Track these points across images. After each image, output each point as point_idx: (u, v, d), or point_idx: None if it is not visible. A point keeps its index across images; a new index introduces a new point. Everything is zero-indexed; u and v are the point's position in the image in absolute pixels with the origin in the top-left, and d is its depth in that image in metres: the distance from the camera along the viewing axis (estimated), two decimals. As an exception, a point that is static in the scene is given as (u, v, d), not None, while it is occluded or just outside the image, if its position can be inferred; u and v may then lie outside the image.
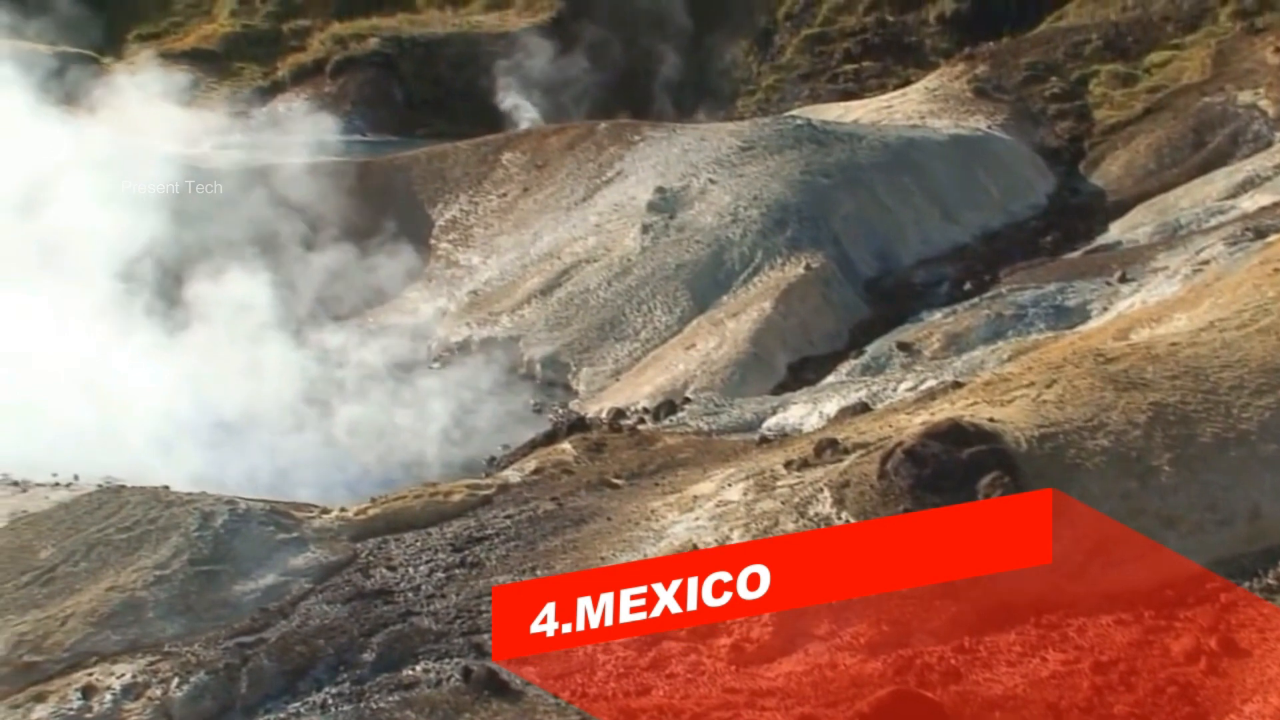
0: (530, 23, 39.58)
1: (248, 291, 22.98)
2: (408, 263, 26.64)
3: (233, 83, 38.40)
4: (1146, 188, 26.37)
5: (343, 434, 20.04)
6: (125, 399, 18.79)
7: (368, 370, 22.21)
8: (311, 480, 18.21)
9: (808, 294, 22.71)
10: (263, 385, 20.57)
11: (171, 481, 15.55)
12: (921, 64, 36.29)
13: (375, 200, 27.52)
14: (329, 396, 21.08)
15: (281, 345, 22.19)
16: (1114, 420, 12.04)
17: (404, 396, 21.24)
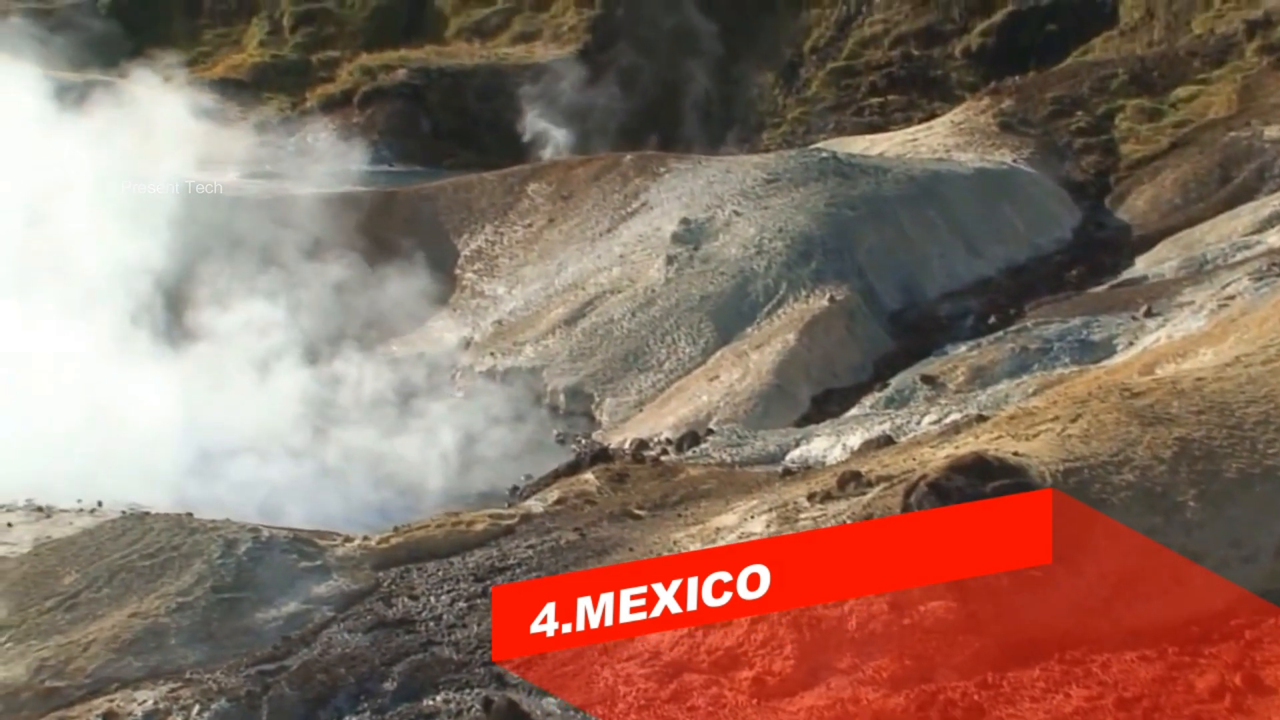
0: (557, 54, 39.78)
1: (270, 320, 23.09)
2: (433, 292, 26.72)
3: (261, 112, 38.68)
4: (1172, 222, 26.31)
5: (365, 462, 20.07)
6: (148, 425, 18.87)
7: (392, 399, 22.25)
8: (329, 507, 18.22)
9: (832, 326, 22.69)
10: (281, 412, 20.64)
11: (204, 509, 15.59)
12: (947, 98, 36.33)
13: (401, 230, 27.62)
14: (352, 424, 21.12)
15: (302, 374, 22.27)
16: (1139, 455, 11.97)
17: (428, 425, 21.26)
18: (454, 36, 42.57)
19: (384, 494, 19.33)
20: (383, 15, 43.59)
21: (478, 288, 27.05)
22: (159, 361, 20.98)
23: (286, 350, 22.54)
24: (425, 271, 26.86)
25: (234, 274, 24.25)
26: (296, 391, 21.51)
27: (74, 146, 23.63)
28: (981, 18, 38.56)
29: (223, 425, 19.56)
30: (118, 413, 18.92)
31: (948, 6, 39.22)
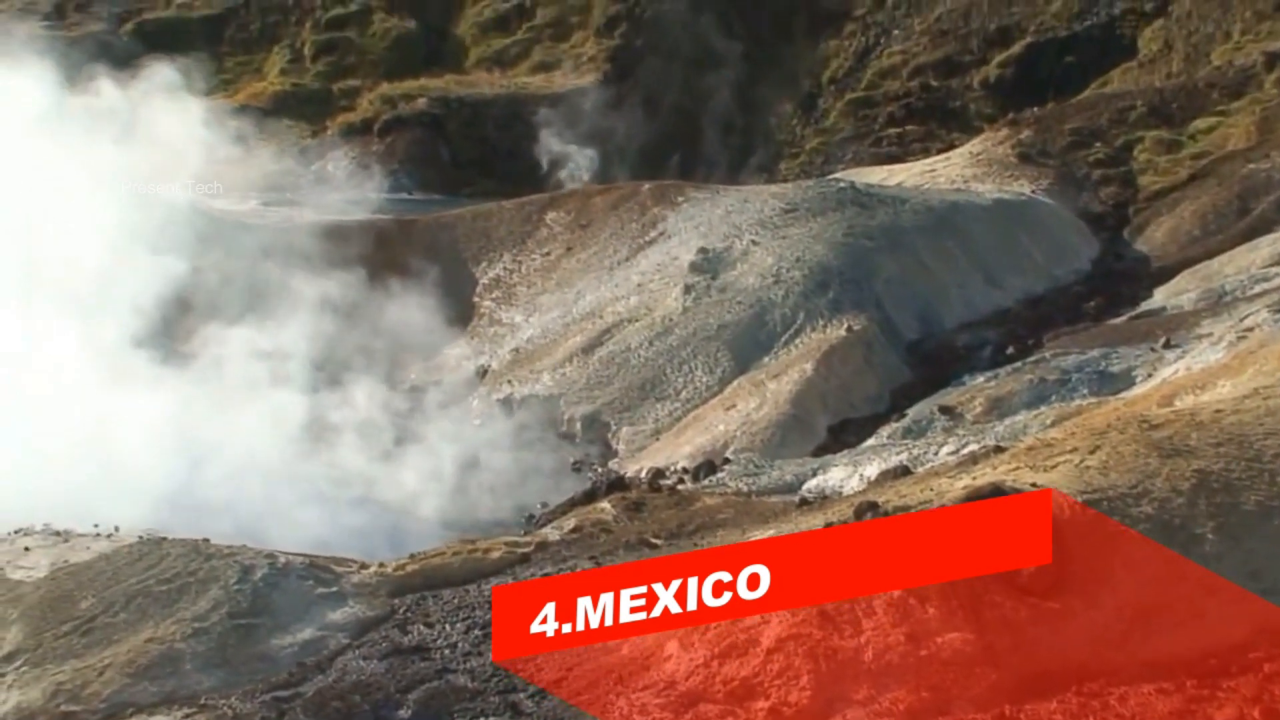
0: (576, 84, 39.93)
1: (285, 346, 23.19)
2: (450, 320, 26.79)
3: (282, 140, 38.86)
4: (1191, 254, 26.26)
5: (381, 488, 20.10)
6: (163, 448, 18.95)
7: (408, 426, 22.29)
8: (344, 533, 18.24)
9: (849, 356, 22.68)
10: (295, 438, 20.71)
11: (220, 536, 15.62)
12: (965, 128, 36.35)
13: (420, 258, 27.70)
14: (368, 451, 21.16)
15: (318, 400, 22.34)
16: (1158, 487, 11.94)
17: (444, 452, 21.29)
18: (474, 66, 42.75)
19: (400, 521, 19.35)
20: (403, 45, 43.79)
21: (495, 315, 27.12)
22: (161, 384, 21.05)
23: (302, 376, 22.61)
24: (443, 299, 26.94)
25: (251, 299, 24.33)
26: (312, 417, 21.56)
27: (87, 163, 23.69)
28: (1000, 49, 38.60)
29: (232, 450, 19.61)
30: (124, 434, 18.98)
31: (966, 38, 39.29)
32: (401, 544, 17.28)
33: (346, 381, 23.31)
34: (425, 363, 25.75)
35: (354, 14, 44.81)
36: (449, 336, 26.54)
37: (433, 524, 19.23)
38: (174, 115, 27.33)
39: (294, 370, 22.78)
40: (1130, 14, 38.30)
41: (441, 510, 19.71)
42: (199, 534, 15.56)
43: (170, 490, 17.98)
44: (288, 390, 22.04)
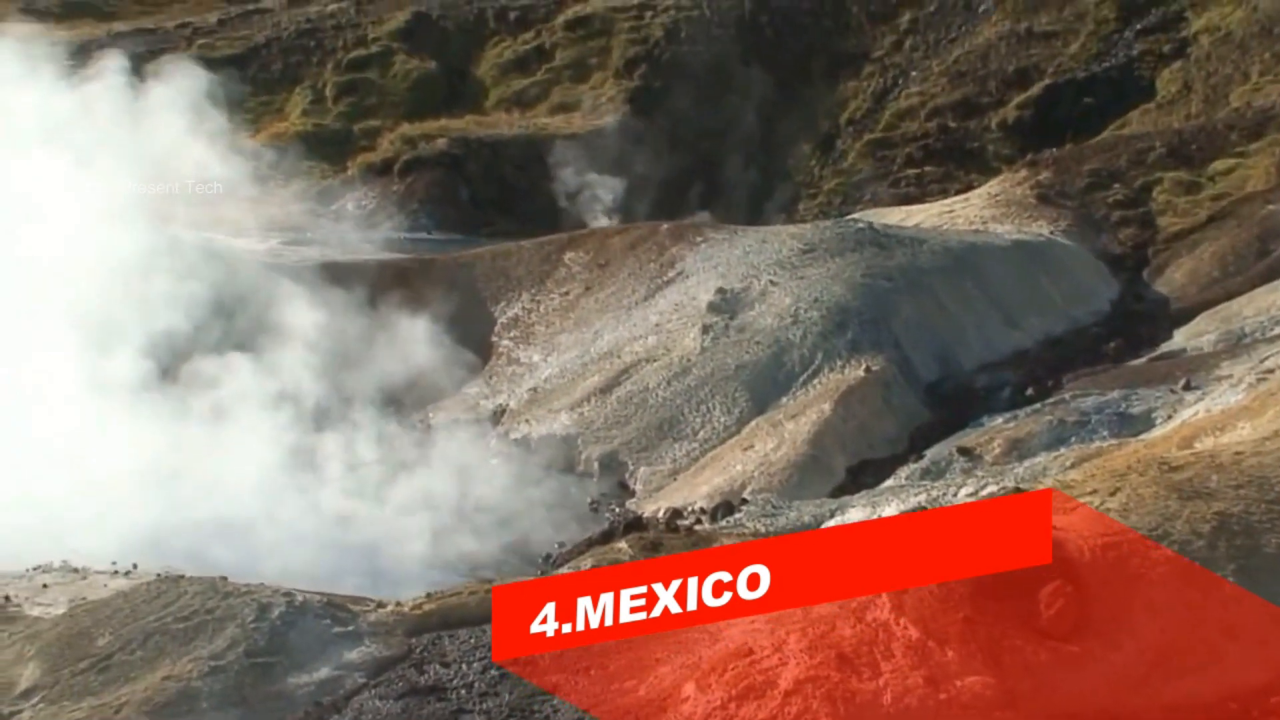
0: (595, 125, 40.11)
1: (306, 385, 23.26)
2: (469, 359, 26.83)
3: (303, 180, 39.09)
4: (1210, 295, 26.18)
5: (399, 529, 20.10)
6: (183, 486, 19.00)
7: (425, 465, 22.30)
8: (361, 572, 18.25)
9: (867, 397, 22.64)
10: (316, 478, 20.75)
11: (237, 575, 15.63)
12: (984, 169, 36.35)
13: (439, 297, 27.76)
14: (385, 490, 21.18)
15: (339, 437, 22.38)
16: (1178, 529, 11.89)
17: (461, 492, 21.29)
18: (494, 107, 42.98)
19: (416, 560, 19.35)
20: (424, 86, 44.07)
21: (514, 355, 27.15)
22: (165, 420, 21.12)
23: (317, 415, 22.68)
24: (461, 338, 26.99)
25: (266, 336, 24.37)
26: (326, 456, 21.62)
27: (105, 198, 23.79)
28: (1018, 91, 38.67)
29: (241, 488, 19.67)
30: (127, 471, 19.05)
31: (984, 80, 39.38)
32: (418, 583, 17.27)
33: (362, 420, 23.35)
34: (442, 401, 25.78)
35: (375, 55, 45.15)
36: (467, 375, 26.58)
37: (449, 563, 19.23)
38: (194, 153, 27.51)
39: (310, 409, 22.85)
40: (1149, 56, 38.37)
41: (458, 549, 19.69)
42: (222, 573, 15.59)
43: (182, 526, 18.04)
44: (302, 429, 22.11)
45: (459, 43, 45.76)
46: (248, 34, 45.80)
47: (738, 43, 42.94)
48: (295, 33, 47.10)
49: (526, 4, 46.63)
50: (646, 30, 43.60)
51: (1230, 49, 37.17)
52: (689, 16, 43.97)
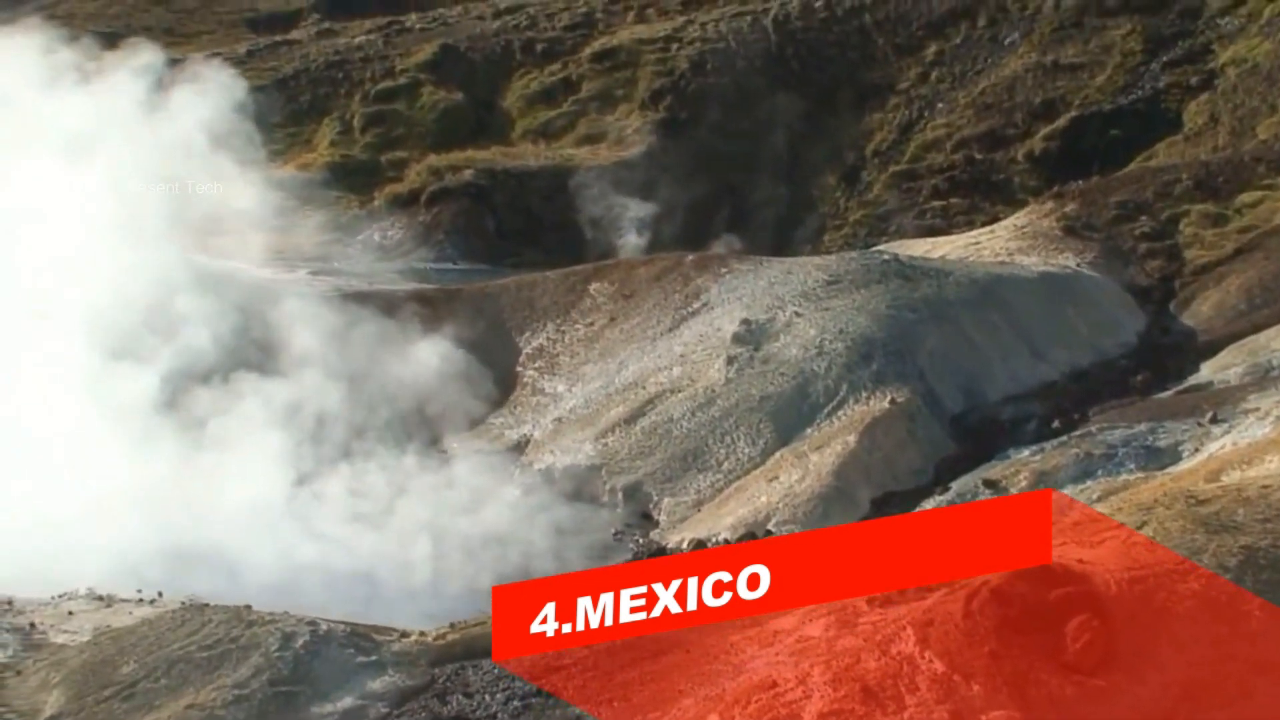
0: (621, 156, 40.25)
1: (331, 413, 23.34)
2: (493, 389, 26.87)
3: (330, 210, 39.33)
4: (1238, 328, 26.06)
5: (426, 557, 20.12)
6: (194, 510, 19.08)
7: (449, 495, 22.33)
8: (384, 602, 18.26)
9: (892, 428, 22.59)
10: (335, 505, 20.79)
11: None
12: (1010, 201, 36.32)
13: (464, 327, 27.83)
14: (412, 520, 21.20)
15: (364, 467, 22.44)
16: (1205, 563, 11.82)
17: (485, 522, 21.31)
18: (520, 138, 43.19)
19: (440, 590, 19.35)
20: (451, 117, 44.33)
21: (538, 385, 27.19)
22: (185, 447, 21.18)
23: (341, 443, 22.75)
24: (486, 368, 27.04)
25: (290, 364, 24.44)
26: (352, 485, 21.66)
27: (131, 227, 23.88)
28: (1044, 122, 38.65)
29: (265, 517, 19.72)
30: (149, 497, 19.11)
31: (1010, 111, 39.38)
32: (443, 613, 17.28)
33: (384, 450, 23.41)
34: (466, 432, 25.81)
35: (403, 87, 45.47)
36: (491, 406, 26.62)
37: (473, 593, 19.22)
38: (222, 184, 27.69)
39: (332, 438, 22.92)
40: (1175, 88, 38.33)
41: (482, 579, 19.69)
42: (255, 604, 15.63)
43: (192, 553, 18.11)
44: (323, 459, 22.18)
45: (486, 74, 46.05)
46: (276, 65, 46.18)
47: (764, 74, 43.08)
48: (324, 64, 47.47)
49: (553, 36, 46.94)
50: (672, 62, 43.80)
51: (1257, 81, 37.12)
52: (715, 48, 44.17)
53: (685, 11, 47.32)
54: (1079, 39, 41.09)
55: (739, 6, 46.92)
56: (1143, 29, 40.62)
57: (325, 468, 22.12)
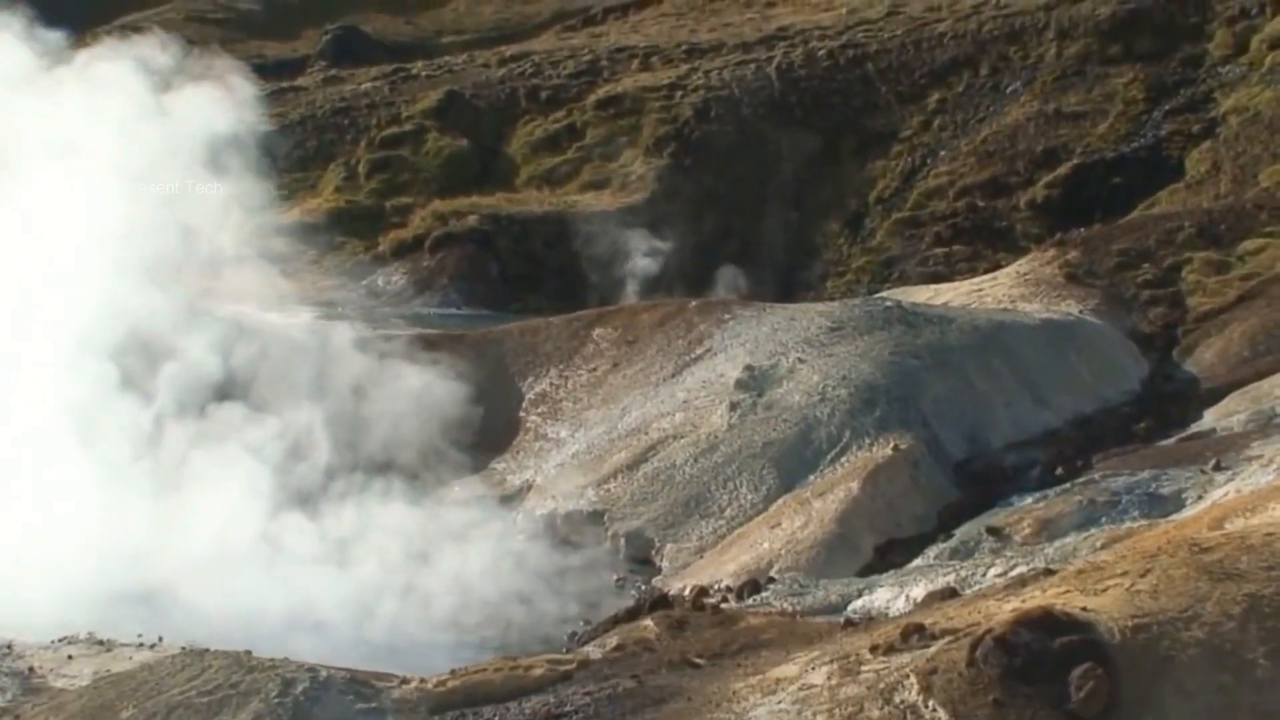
0: (625, 202, 40.44)
1: (332, 458, 23.34)
2: (496, 435, 26.87)
3: (335, 255, 39.50)
4: (1241, 375, 26.04)
5: (423, 603, 20.06)
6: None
7: (451, 540, 22.28)
8: (385, 647, 18.21)
9: (896, 475, 22.55)
10: (340, 550, 20.77)
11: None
12: (1012, 249, 36.43)
13: (467, 372, 27.85)
14: (412, 565, 21.16)
15: (366, 512, 22.41)
16: (1209, 612, 11.77)
17: (486, 567, 21.26)
18: (524, 184, 43.44)
19: (441, 636, 19.29)
20: (456, 163, 44.62)
21: (541, 430, 27.19)
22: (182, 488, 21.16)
23: (342, 487, 22.74)
24: (489, 413, 27.06)
25: (288, 407, 24.40)
26: (355, 529, 21.63)
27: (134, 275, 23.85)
28: (1046, 170, 38.84)
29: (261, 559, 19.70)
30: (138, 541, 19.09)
31: (1012, 159, 39.58)
32: (442, 660, 17.21)
33: (388, 494, 23.38)
34: (469, 477, 25.79)
35: (408, 133, 45.82)
36: (494, 451, 26.61)
37: (473, 640, 19.17)
38: (228, 230, 27.79)
39: (335, 482, 22.91)
40: (1177, 136, 38.54)
41: (483, 626, 19.63)
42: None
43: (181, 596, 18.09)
44: (323, 504, 22.16)
45: (491, 121, 46.41)
46: (283, 111, 46.52)
47: (767, 121, 43.39)
48: (330, 110, 47.87)
49: (558, 84, 47.33)
50: (676, 109, 44.13)
51: (1259, 129, 37.31)
52: (719, 96, 44.50)
53: (689, 59, 47.74)
54: (1081, 87, 41.39)
55: (743, 55, 47.35)
56: (1145, 77, 40.92)
57: (318, 511, 22.06)
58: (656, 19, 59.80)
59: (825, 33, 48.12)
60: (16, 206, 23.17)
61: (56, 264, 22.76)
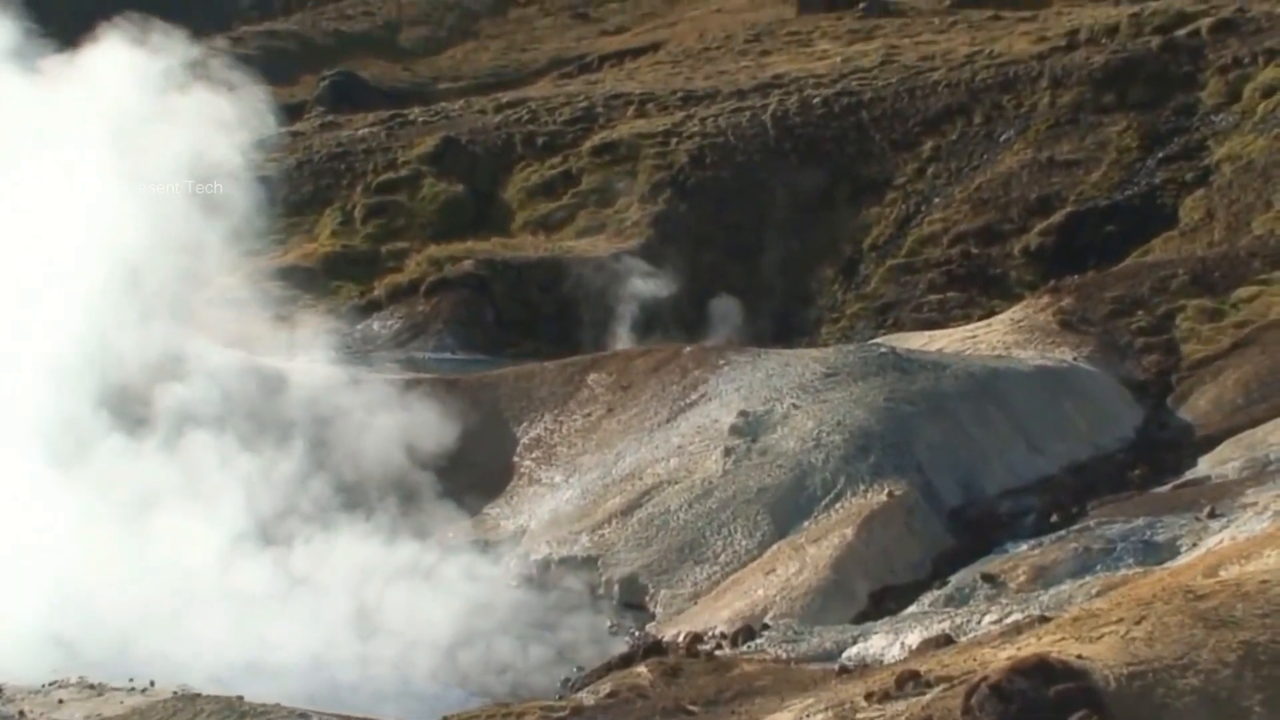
0: (620, 248, 40.54)
1: (324, 502, 23.29)
2: (490, 480, 26.82)
3: (330, 300, 39.54)
4: (1235, 422, 26.05)
5: (418, 651, 19.97)
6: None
7: (445, 586, 22.21)
8: (379, 695, 18.11)
9: (890, 522, 22.51)
10: (336, 597, 20.68)
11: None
12: (1006, 295, 36.51)
13: (461, 417, 27.83)
14: (404, 612, 21.07)
15: (363, 557, 22.34)
16: (1204, 659, 11.73)
17: (479, 613, 21.17)
18: (520, 229, 43.56)
19: (434, 682, 19.19)
20: (452, 209, 44.76)
21: (535, 475, 27.14)
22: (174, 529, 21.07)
23: (336, 532, 22.68)
24: (484, 459, 27.02)
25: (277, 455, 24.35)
26: (351, 571, 21.55)
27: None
28: (1040, 218, 38.98)
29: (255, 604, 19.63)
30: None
31: (1006, 207, 39.73)
32: (434, 707, 17.14)
33: (380, 539, 23.32)
34: (463, 522, 25.72)
35: (405, 178, 45.99)
36: (488, 496, 26.56)
37: (466, 686, 19.06)
38: (225, 273, 27.83)
39: (323, 528, 22.85)
40: (1171, 184, 38.71)
41: (476, 672, 19.53)
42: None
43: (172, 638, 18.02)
44: (316, 549, 22.10)
45: (487, 167, 46.61)
46: (279, 156, 46.69)
47: (762, 168, 43.58)
48: (327, 155, 48.06)
49: (554, 130, 47.57)
50: (672, 156, 44.32)
51: (1252, 177, 37.49)
52: (714, 143, 44.71)
53: (685, 106, 48.00)
54: (1074, 135, 41.61)
55: (738, 102, 47.61)
56: (1138, 126, 41.15)
57: (320, 559, 22.01)
58: (652, 66, 60.23)
59: (820, 81, 48.41)
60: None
61: (42, 295, 22.68)
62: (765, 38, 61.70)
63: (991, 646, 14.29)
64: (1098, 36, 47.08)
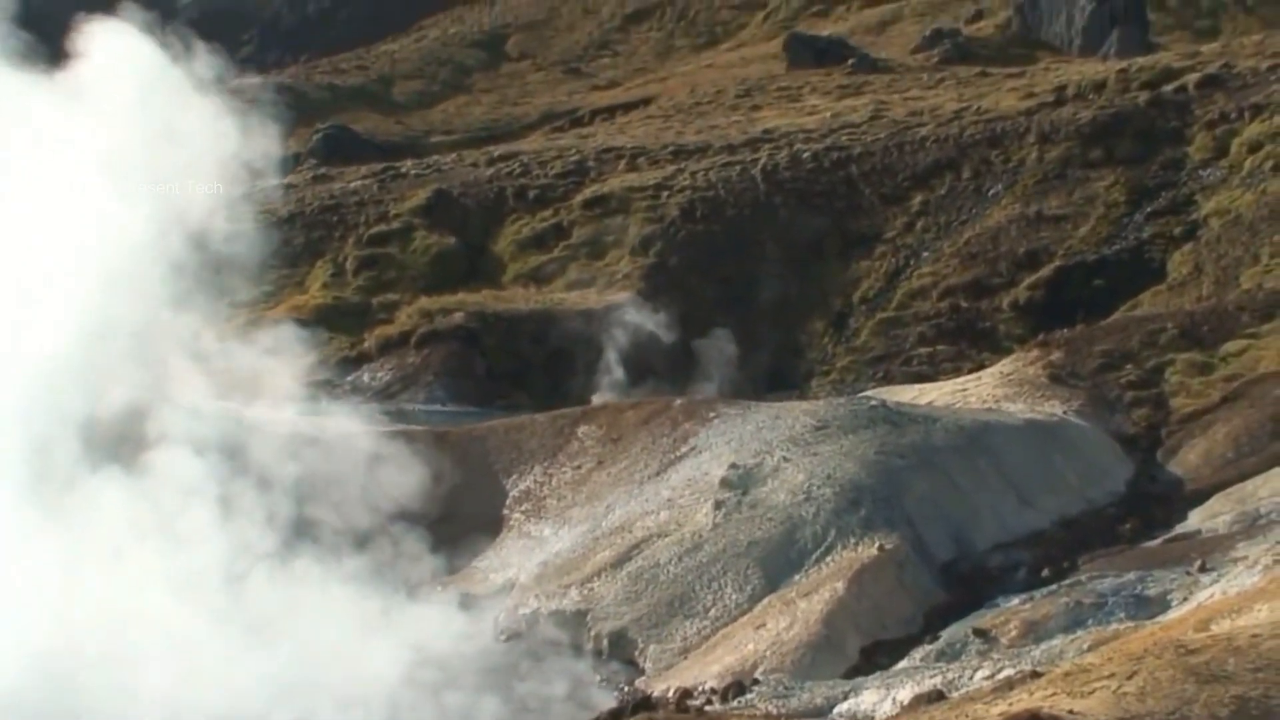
0: (610, 300, 40.64)
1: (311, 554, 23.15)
2: (479, 532, 26.71)
3: (321, 352, 39.52)
4: (1225, 476, 26.07)
5: (404, 704, 19.83)
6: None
7: (432, 640, 22.07)
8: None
9: (881, 576, 22.43)
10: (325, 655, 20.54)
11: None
12: (996, 349, 36.64)
13: (451, 470, 27.75)
14: (388, 664, 20.93)
15: (352, 612, 22.20)
16: (1196, 713, 11.68)
17: (467, 667, 21.04)
18: (511, 282, 43.69)
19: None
20: (443, 261, 44.91)
21: (524, 528, 27.05)
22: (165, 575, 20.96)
23: (327, 585, 22.55)
24: (473, 511, 26.93)
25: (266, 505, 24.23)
26: (340, 626, 21.41)
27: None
28: (1029, 272, 39.19)
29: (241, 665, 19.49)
30: None
31: (995, 261, 39.94)
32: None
33: (370, 592, 23.18)
34: (452, 575, 25.60)
35: (396, 231, 46.17)
36: (477, 549, 26.44)
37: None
38: (214, 325, 27.79)
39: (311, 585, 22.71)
40: (1159, 238, 38.96)
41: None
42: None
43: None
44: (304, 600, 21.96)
45: (479, 219, 46.82)
46: (273, 208, 46.83)
47: (752, 222, 43.77)
48: (319, 208, 48.22)
49: (545, 183, 47.83)
50: (663, 209, 44.55)
51: (1240, 231, 37.74)
52: (705, 196, 44.96)
53: (676, 160, 48.30)
54: (1063, 190, 41.91)
55: (728, 156, 47.92)
56: (1126, 180, 41.47)
57: (312, 611, 21.86)
58: (643, 120, 60.62)
59: (809, 135, 48.77)
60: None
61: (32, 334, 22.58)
62: (755, 93, 62.23)
63: (984, 702, 14.23)
64: (1085, 92, 47.55)
